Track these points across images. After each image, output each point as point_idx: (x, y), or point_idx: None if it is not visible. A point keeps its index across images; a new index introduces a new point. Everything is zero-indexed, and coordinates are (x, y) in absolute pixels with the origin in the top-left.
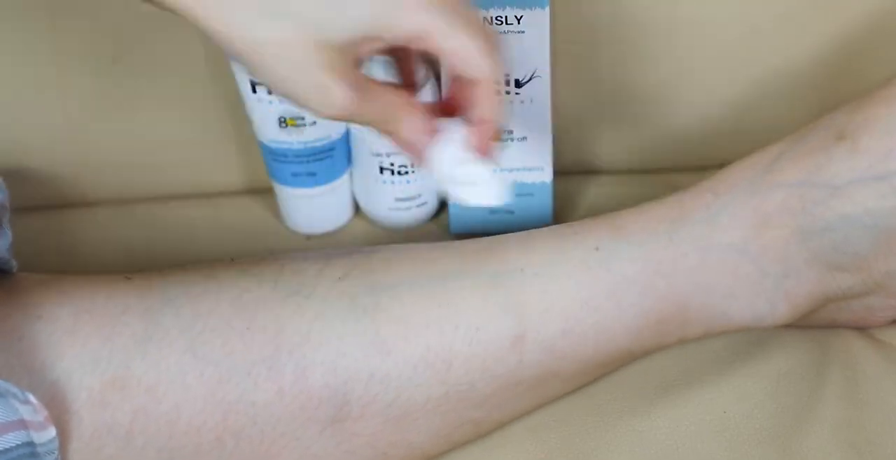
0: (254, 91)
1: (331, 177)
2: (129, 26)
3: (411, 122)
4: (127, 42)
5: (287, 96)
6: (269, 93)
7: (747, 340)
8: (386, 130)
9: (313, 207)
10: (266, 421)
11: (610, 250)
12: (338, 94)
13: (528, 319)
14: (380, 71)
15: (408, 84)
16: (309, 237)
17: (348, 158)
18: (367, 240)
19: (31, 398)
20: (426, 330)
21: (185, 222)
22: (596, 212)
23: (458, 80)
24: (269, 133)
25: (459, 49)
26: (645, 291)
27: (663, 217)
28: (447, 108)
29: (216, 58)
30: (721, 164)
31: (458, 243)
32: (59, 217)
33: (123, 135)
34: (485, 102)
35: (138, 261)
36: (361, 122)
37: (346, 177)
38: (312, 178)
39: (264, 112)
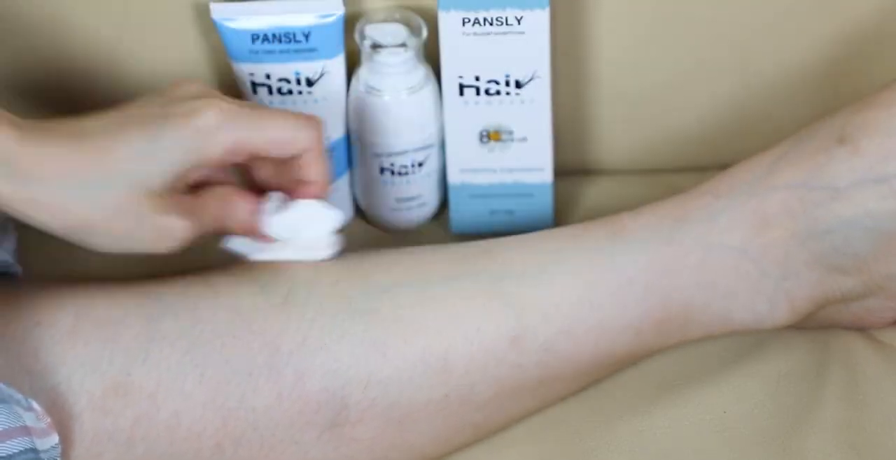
0: (254, 92)
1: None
2: (129, 27)
3: (238, 208)
4: (126, 42)
5: (129, 249)
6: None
7: (747, 341)
8: (223, 228)
9: None
10: (265, 426)
11: (612, 250)
12: (178, 227)
13: (529, 320)
14: None
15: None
16: None
17: (348, 160)
18: (367, 241)
19: (35, 405)
20: (424, 331)
21: None
22: (596, 212)
23: (286, 165)
24: None
25: (273, 138)
26: (648, 291)
27: (664, 217)
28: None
29: (216, 58)
30: (721, 165)
31: (456, 246)
32: None
33: None
34: (312, 167)
35: (138, 262)
36: (205, 234)
37: (345, 178)
38: None
39: None
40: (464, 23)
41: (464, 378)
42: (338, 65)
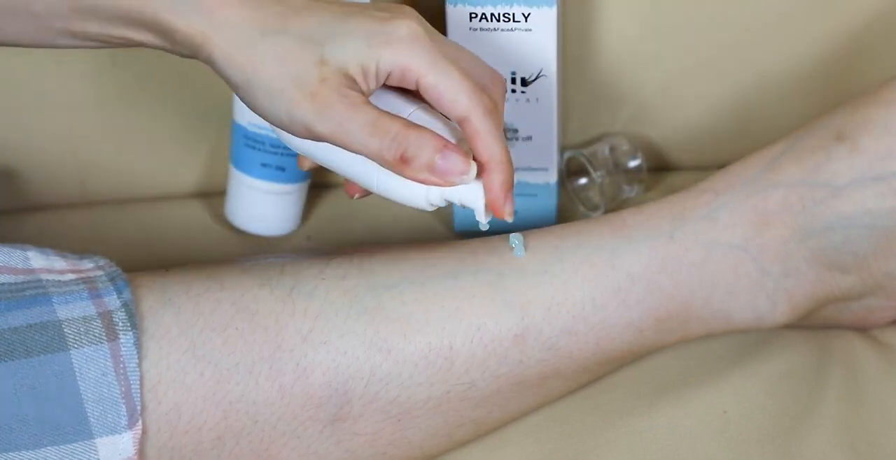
0: None
1: (298, 177)
2: None
3: (427, 139)
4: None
5: (278, 118)
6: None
7: (747, 340)
8: (401, 159)
9: (266, 206)
10: (267, 421)
11: (614, 248)
12: (317, 111)
13: (531, 318)
14: None
15: None
16: (309, 237)
17: None
18: (367, 240)
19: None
20: (427, 328)
21: (185, 222)
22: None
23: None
24: (254, 115)
25: (437, 85)
26: (650, 288)
27: (665, 215)
28: None
29: None
30: (721, 164)
31: (459, 243)
32: (59, 217)
33: (123, 136)
34: (477, 140)
35: (138, 261)
36: (367, 151)
37: (307, 183)
38: (280, 173)
39: None
40: (471, 18)
41: (465, 375)
42: None
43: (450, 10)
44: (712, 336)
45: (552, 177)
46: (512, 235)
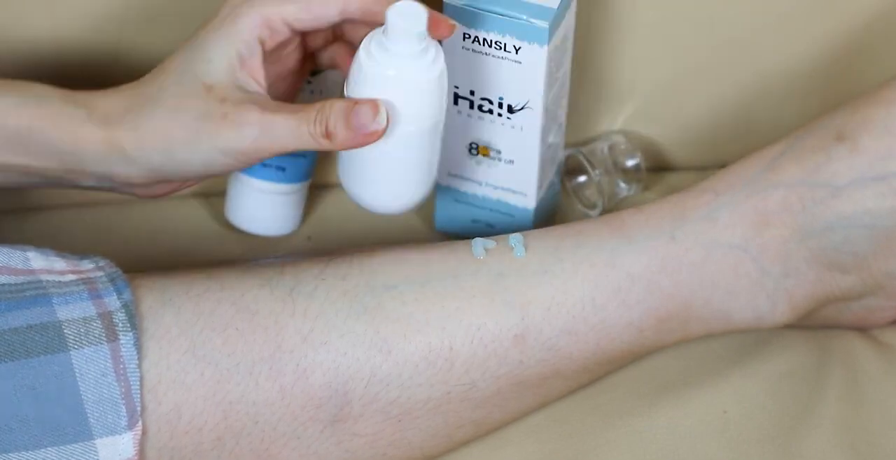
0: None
1: (298, 177)
2: (130, 26)
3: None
4: (128, 41)
5: (211, 159)
6: None
7: (747, 340)
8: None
9: (266, 206)
10: (267, 421)
11: (614, 248)
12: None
13: (531, 318)
14: None
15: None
16: (310, 237)
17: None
18: (367, 240)
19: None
20: (427, 329)
21: (186, 222)
22: None
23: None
24: None
25: (298, 7)
26: (650, 288)
27: (665, 215)
28: None
29: None
30: (721, 164)
31: (459, 243)
32: (59, 217)
33: None
34: (371, 6)
35: (138, 261)
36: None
37: (307, 183)
38: (280, 173)
39: None
40: (464, 37)
41: (465, 375)
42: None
43: None
44: (712, 336)
45: (531, 203)
46: (512, 235)
